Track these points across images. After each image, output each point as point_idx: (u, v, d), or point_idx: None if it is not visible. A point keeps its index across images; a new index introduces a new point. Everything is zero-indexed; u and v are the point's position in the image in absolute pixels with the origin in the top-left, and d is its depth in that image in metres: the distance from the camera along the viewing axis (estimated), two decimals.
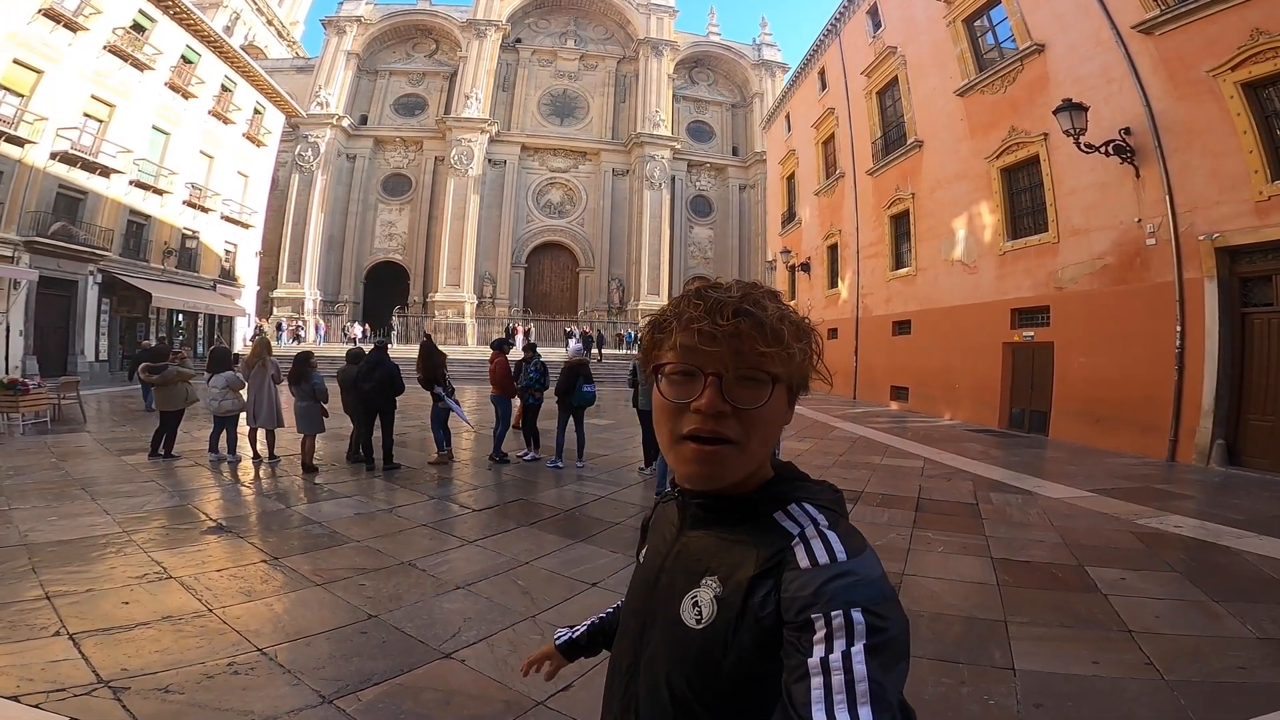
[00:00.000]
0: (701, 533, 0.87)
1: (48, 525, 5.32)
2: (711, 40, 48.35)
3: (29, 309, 19.67)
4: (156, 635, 3.39)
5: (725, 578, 0.80)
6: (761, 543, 0.80)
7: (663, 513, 1.00)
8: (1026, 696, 2.96)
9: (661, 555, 0.92)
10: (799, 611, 0.71)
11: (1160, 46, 10.30)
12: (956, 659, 3.31)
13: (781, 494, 0.86)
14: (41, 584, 4.01)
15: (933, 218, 16.13)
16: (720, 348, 0.79)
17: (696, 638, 0.79)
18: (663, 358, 0.85)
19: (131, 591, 3.98)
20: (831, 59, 22.35)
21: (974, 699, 2.94)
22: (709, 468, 0.81)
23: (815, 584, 0.72)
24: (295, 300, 37.54)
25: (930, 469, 8.75)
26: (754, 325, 0.80)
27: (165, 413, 8.47)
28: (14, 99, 18.69)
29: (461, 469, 8.37)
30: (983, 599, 4.14)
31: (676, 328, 0.84)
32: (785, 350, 0.81)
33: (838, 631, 0.68)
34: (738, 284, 0.86)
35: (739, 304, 0.81)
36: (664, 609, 0.86)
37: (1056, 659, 3.32)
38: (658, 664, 0.84)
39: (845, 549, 0.76)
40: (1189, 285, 9.82)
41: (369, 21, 42.64)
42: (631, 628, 0.93)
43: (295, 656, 3.21)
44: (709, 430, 0.79)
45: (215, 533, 5.36)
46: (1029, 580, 4.49)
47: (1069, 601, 4.12)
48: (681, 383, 0.82)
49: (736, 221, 45.97)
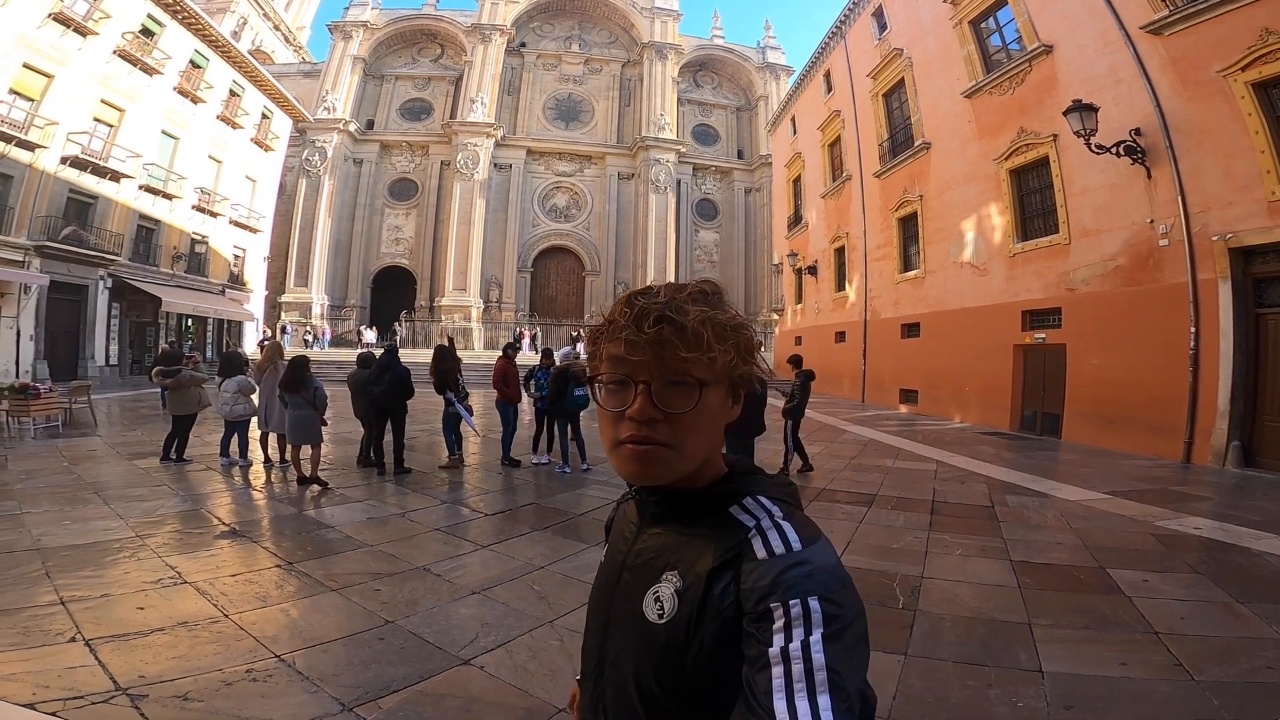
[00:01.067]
0: (660, 529, 0.88)
1: (61, 529, 5.31)
2: (716, 43, 48.35)
3: (39, 314, 19.82)
4: (173, 641, 3.37)
5: (685, 572, 0.81)
6: (719, 536, 0.81)
7: (623, 513, 1.01)
8: (1056, 699, 2.93)
9: (622, 554, 0.93)
10: (758, 601, 0.72)
11: (1169, 47, 10.25)
12: (982, 661, 3.28)
13: (736, 489, 0.86)
14: (56, 589, 3.99)
15: (941, 220, 16.06)
16: (644, 356, 0.81)
17: (660, 632, 0.80)
18: (599, 368, 0.86)
19: (146, 596, 3.97)
20: (837, 61, 22.32)
21: (1003, 701, 2.91)
22: (644, 466, 0.81)
23: (773, 574, 0.73)
24: (303, 305, 37.69)
25: (943, 472, 8.69)
26: (675, 331, 0.80)
27: (177, 417, 8.48)
28: (24, 104, 18.80)
29: (472, 473, 8.36)
30: (1004, 601, 4.09)
31: (607, 337, 0.85)
32: (706, 354, 0.80)
33: (796, 620, 0.69)
34: (666, 289, 0.85)
35: (661, 310, 0.81)
36: (627, 607, 0.86)
37: (1084, 661, 3.29)
38: (624, 662, 0.85)
39: (800, 538, 0.78)
40: (1203, 286, 9.75)
41: (375, 26, 42.84)
42: (595, 629, 0.94)
43: (313, 663, 3.18)
44: (642, 437, 0.80)
45: (228, 537, 5.37)
46: (1050, 582, 4.45)
47: (1092, 603, 4.08)
48: (616, 392, 0.83)
49: (742, 224, 45.88)
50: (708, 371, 0.81)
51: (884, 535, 5.62)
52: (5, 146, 18.17)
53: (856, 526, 5.90)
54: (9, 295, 18.72)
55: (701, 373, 0.81)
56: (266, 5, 49.18)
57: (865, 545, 5.31)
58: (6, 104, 18.27)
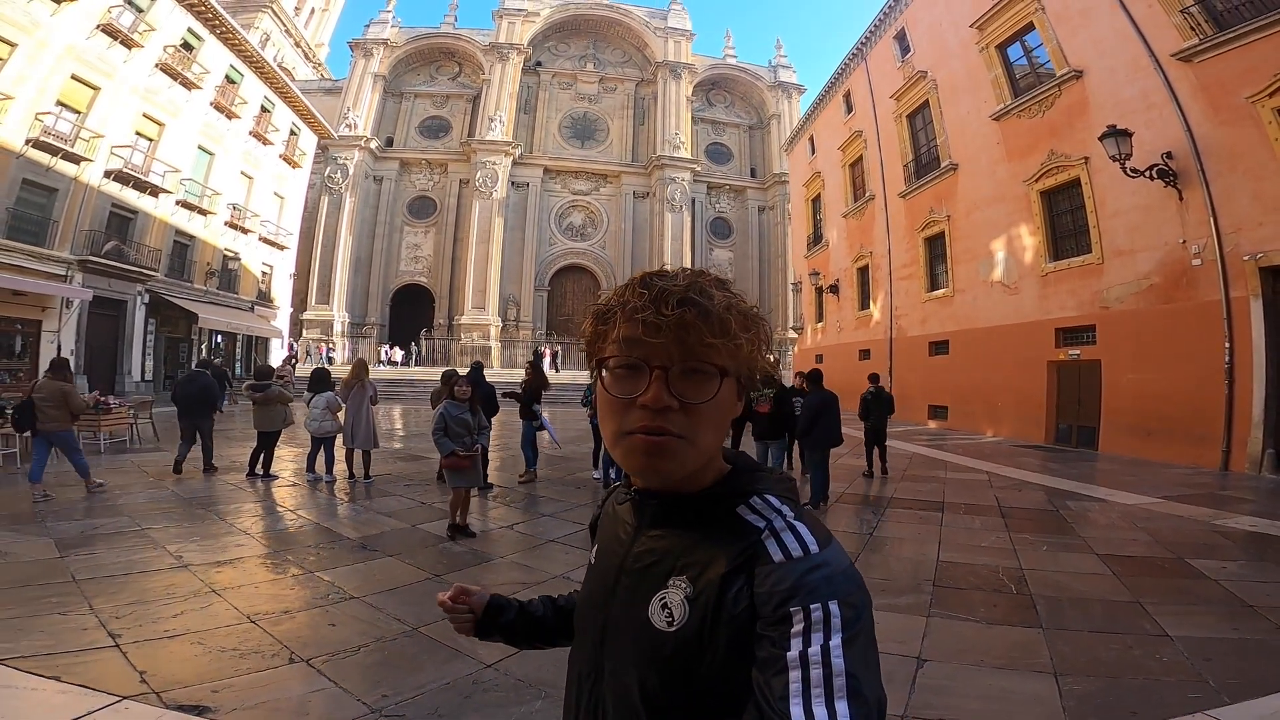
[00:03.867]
0: (661, 531, 0.84)
1: (195, 546, 5.29)
2: (728, 62, 49.13)
3: (80, 329, 19.97)
4: (385, 658, 3.39)
5: (695, 577, 0.77)
6: (729, 538, 0.78)
7: (614, 513, 0.96)
8: (1192, 654, 3.39)
9: (619, 557, 0.88)
10: (777, 605, 0.70)
11: (1199, 73, 10.73)
12: (1115, 630, 3.74)
13: (741, 487, 0.83)
14: (240, 610, 3.94)
15: (970, 239, 16.51)
16: (665, 339, 0.76)
17: (669, 640, 0.76)
18: (606, 351, 0.82)
19: (326, 613, 3.95)
20: (858, 82, 22.86)
21: (1149, 658, 3.38)
22: (658, 460, 0.77)
23: (792, 577, 0.71)
24: (324, 322, 38.04)
25: (997, 481, 9.09)
26: (700, 315, 0.77)
27: (262, 433, 8.58)
28: (70, 115, 18.86)
29: (548, 487, 8.38)
30: (1107, 586, 4.54)
31: (620, 318, 0.80)
32: (732, 341, 0.78)
33: (816, 625, 0.67)
34: (684, 272, 0.82)
35: (684, 293, 0.77)
36: (628, 613, 0.82)
37: (1200, 627, 3.77)
38: (626, 670, 0.81)
39: (816, 540, 0.75)
40: (1235, 304, 10.17)
41: (395, 44, 43.62)
42: (590, 635, 0.89)
43: (524, 669, 3.21)
44: (656, 427, 0.76)
45: (362, 551, 5.38)
46: (1139, 570, 4.90)
47: (1185, 586, 4.56)
48: (626, 377, 0.79)
49: (756, 243, 46.35)
50: (730, 360, 0.79)
51: (969, 535, 6.02)
52: (52, 159, 18.25)
53: (940, 530, 6.29)
54: (51, 309, 18.91)
55: (724, 361, 0.78)
56: (289, 22, 50.03)
57: (956, 544, 5.71)
58: (54, 115, 18.23)
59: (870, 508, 7.42)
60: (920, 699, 2.98)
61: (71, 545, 5.22)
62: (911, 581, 4.65)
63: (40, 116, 17.73)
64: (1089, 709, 2.90)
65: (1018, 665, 3.31)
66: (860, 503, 7.77)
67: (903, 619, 3.91)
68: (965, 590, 4.47)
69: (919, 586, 4.53)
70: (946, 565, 5.03)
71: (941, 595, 4.35)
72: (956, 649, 3.51)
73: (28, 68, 17.44)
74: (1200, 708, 2.86)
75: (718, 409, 0.79)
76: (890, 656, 3.36)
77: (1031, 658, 3.38)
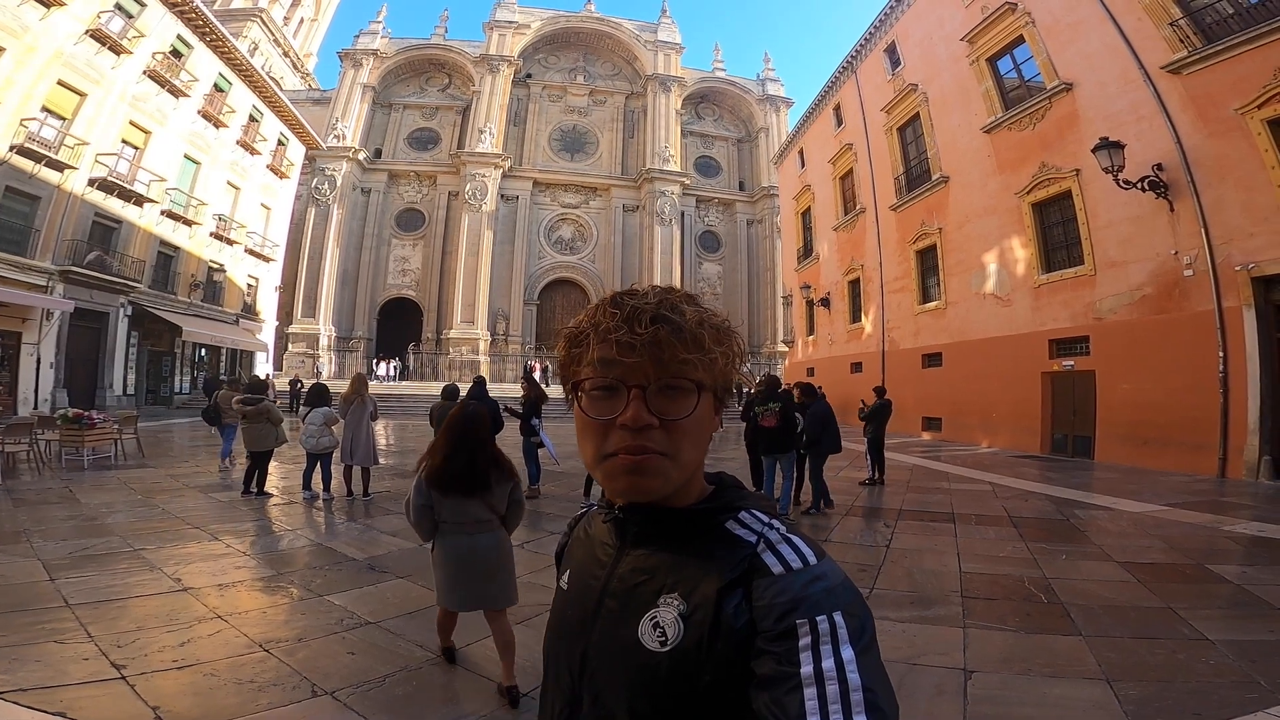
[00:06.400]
0: (646, 550, 0.83)
1: (194, 568, 5.06)
2: (717, 75, 49.36)
3: (61, 341, 19.48)
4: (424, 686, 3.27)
5: (688, 594, 0.76)
6: (721, 553, 0.77)
7: (587, 536, 0.94)
8: (1237, 656, 3.37)
9: (600, 580, 0.85)
10: (780, 619, 0.69)
11: (1188, 85, 10.90)
12: (1155, 635, 3.71)
13: (729, 502, 0.83)
14: (250, 637, 3.74)
15: (962, 252, 16.62)
16: (640, 358, 0.76)
17: (663, 660, 0.74)
18: (581, 374, 0.81)
19: (343, 640, 3.77)
20: (848, 95, 23.08)
21: (1196, 660, 3.37)
22: (639, 479, 0.77)
23: (793, 590, 0.71)
24: (310, 336, 37.35)
25: (1001, 491, 9.07)
26: (673, 331, 0.77)
27: (254, 453, 8.36)
28: (56, 121, 18.52)
29: (552, 503, 8.22)
30: (1135, 593, 4.51)
31: (593, 339, 0.80)
32: (707, 356, 0.79)
33: (824, 638, 0.66)
34: (654, 290, 0.83)
35: (656, 310, 0.78)
36: (614, 636, 0.80)
37: (1237, 630, 3.76)
38: (614, 695, 0.78)
39: (813, 552, 0.75)
40: (1228, 313, 10.30)
41: (385, 55, 43.29)
42: (567, 662, 0.85)
43: None
44: (637, 446, 0.76)
45: (370, 572, 5.17)
46: (1163, 577, 4.87)
47: (1212, 591, 4.57)
48: (603, 398, 0.78)
49: (745, 256, 46.31)
50: (707, 374, 0.79)
51: (986, 546, 5.96)
52: (35, 166, 17.88)
53: (955, 540, 6.22)
54: (31, 321, 18.38)
55: (700, 375, 0.78)
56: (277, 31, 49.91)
57: (975, 554, 5.64)
58: (38, 121, 17.89)
59: (881, 519, 7.35)
60: (976, 710, 2.93)
61: (61, 567, 4.91)
62: (939, 593, 4.58)
63: (25, 122, 17.45)
64: (1151, 712, 2.87)
65: (1067, 673, 3.27)
66: (870, 515, 7.69)
67: (939, 630, 3.85)
68: (995, 600, 4.41)
69: (947, 598, 4.45)
70: (970, 576, 4.96)
71: (972, 606, 4.29)
72: (1001, 658, 3.46)
73: (15, 72, 17.17)
74: (1261, 707, 2.85)
75: (697, 424, 0.79)
76: (935, 669, 3.32)
77: (1078, 665, 3.34)
